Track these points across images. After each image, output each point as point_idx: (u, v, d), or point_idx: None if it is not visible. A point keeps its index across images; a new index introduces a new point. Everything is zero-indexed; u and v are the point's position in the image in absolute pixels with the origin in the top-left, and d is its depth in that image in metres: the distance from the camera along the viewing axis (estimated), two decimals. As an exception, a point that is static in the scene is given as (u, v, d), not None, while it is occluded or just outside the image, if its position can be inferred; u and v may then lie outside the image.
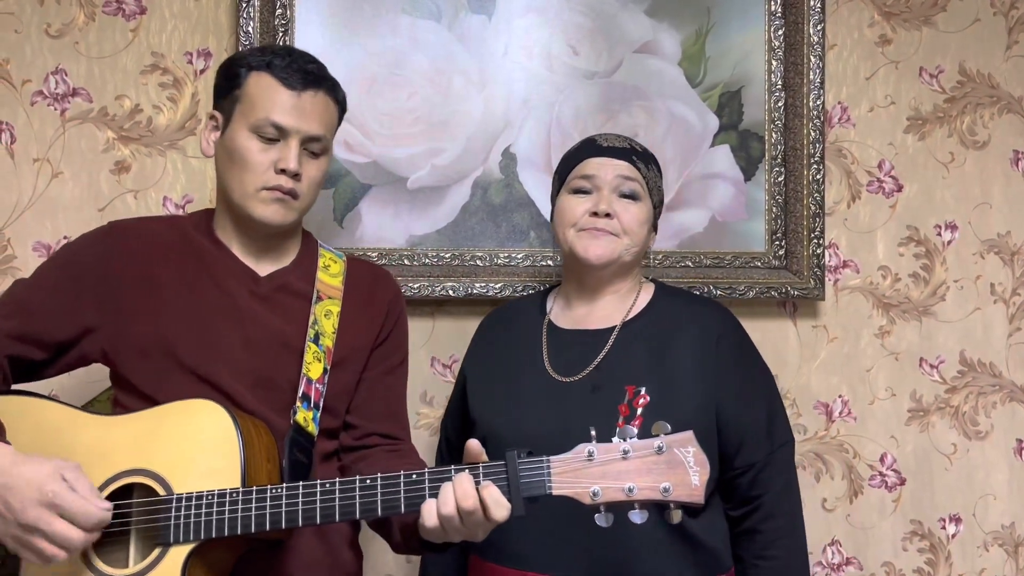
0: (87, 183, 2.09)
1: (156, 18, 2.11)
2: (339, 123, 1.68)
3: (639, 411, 1.61)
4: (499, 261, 2.14)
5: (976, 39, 2.25)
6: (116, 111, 2.10)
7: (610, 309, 1.77)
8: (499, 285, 2.11)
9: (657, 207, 1.80)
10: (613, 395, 1.65)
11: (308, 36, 2.09)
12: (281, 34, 2.08)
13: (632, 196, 1.74)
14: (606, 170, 1.74)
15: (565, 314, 1.81)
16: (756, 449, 1.70)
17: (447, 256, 2.13)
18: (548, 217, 2.12)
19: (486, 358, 1.84)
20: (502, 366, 1.79)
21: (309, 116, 1.57)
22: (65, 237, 2.08)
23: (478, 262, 2.13)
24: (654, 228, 1.82)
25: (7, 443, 1.41)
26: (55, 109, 2.09)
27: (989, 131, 2.25)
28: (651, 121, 2.15)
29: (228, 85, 1.61)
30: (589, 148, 1.80)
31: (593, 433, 1.35)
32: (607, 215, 1.72)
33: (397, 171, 2.12)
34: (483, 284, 2.11)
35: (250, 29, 2.06)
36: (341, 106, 1.67)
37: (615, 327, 1.74)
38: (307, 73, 1.58)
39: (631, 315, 1.76)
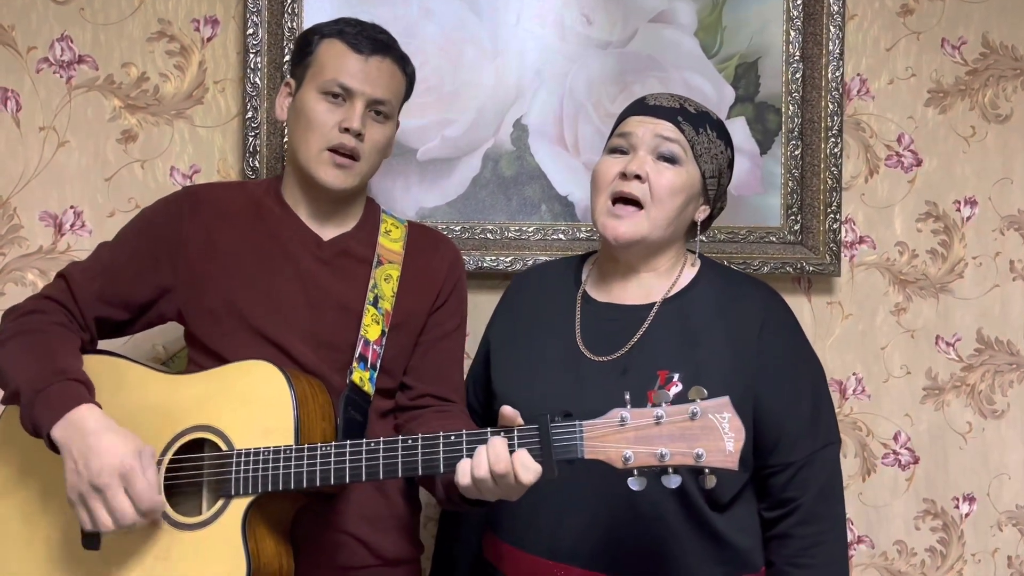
0: (93, 152, 2.07)
1: (163, -16, 2.08)
2: (407, 95, 1.76)
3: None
4: (510, 234, 2.11)
5: (1000, 10, 2.19)
6: (122, 79, 2.07)
7: (648, 286, 1.67)
8: (509, 259, 2.09)
9: (711, 176, 1.65)
10: (643, 379, 1.54)
11: (317, 4, 2.05)
12: (290, 2, 2.04)
13: (671, 159, 1.61)
14: (645, 128, 1.62)
15: (600, 286, 1.71)
16: (795, 447, 1.59)
17: (457, 229, 2.10)
18: (559, 190, 2.11)
19: (513, 324, 1.76)
20: (529, 334, 1.72)
21: (375, 80, 1.66)
22: (72, 207, 2.06)
23: (488, 235, 2.11)
24: (707, 200, 1.68)
25: (98, 405, 1.50)
26: (61, 77, 2.06)
27: (1012, 104, 2.20)
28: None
29: (302, 52, 1.71)
30: (635, 106, 1.69)
31: (627, 398, 1.35)
32: (636, 177, 1.59)
33: (407, 142, 2.09)
34: (493, 257, 2.09)
35: (258, -4, 2.03)
36: (409, 78, 1.75)
37: (653, 305, 1.64)
38: (375, 40, 1.68)
39: (671, 293, 1.65)
